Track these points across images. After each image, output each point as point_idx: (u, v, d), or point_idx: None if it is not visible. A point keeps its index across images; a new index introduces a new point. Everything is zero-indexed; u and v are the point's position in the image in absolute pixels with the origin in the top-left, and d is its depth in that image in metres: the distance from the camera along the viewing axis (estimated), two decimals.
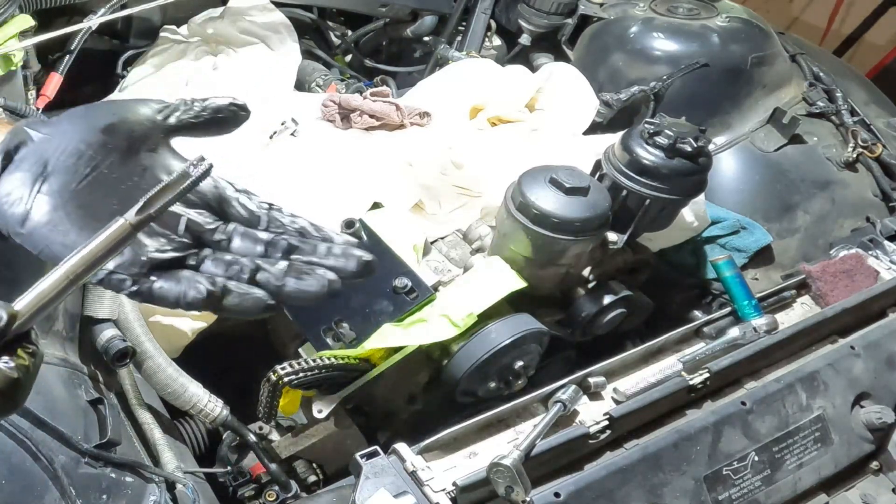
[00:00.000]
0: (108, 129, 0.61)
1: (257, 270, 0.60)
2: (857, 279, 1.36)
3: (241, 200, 0.64)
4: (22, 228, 0.58)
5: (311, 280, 0.59)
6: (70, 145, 0.60)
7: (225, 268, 0.60)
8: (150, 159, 0.63)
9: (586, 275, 1.37)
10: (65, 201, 0.59)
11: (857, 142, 1.74)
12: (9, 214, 0.58)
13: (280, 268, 0.60)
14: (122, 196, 0.60)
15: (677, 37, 1.77)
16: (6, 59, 1.38)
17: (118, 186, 0.61)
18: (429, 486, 0.94)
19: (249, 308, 0.59)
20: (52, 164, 0.59)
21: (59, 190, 0.59)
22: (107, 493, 0.97)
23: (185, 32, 1.85)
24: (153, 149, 0.64)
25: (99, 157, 0.60)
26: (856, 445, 1.19)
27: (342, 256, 0.61)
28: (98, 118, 0.62)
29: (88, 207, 0.59)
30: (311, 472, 1.26)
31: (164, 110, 0.65)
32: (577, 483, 1.00)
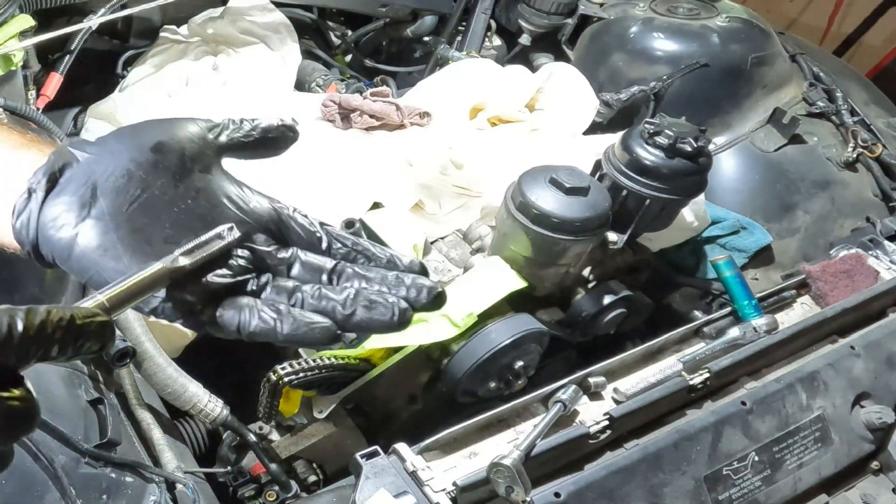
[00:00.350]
0: (157, 147, 0.58)
1: (321, 298, 0.57)
2: (857, 279, 1.36)
3: (299, 221, 0.61)
4: (69, 254, 0.55)
5: (381, 309, 0.56)
6: (119, 165, 0.57)
7: (288, 295, 0.57)
8: (203, 180, 0.60)
9: (586, 275, 1.37)
10: (116, 225, 0.56)
11: (857, 142, 1.74)
12: (55, 240, 0.55)
13: (346, 296, 0.56)
14: (175, 219, 0.57)
15: (677, 37, 1.77)
16: (6, 59, 1.38)
17: (171, 209, 0.58)
18: (429, 486, 0.94)
19: (316, 339, 0.56)
20: (101, 185, 0.56)
21: (109, 213, 0.56)
22: (107, 493, 0.97)
23: (185, 32, 1.85)
24: (206, 169, 0.61)
25: (150, 177, 0.57)
26: (856, 445, 1.19)
27: (413, 287, 0.58)
28: (147, 137, 0.59)
29: (141, 231, 0.56)
30: (311, 472, 1.26)
31: (213, 129, 0.62)
32: (578, 483, 1.00)
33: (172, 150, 0.59)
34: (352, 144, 1.56)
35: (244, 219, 0.59)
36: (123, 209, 0.56)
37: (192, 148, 0.60)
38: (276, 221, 0.61)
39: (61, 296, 1.13)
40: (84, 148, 0.58)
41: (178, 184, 0.58)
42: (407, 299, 0.58)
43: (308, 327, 0.55)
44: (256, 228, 0.60)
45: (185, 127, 0.61)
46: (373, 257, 0.60)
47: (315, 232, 0.61)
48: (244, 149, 0.64)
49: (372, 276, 0.58)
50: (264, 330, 0.55)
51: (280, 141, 0.66)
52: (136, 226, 0.56)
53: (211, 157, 0.61)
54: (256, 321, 0.55)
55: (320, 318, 0.56)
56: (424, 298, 0.58)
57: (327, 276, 0.59)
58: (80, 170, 0.57)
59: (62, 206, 0.56)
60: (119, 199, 0.56)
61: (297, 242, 0.61)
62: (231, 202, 0.60)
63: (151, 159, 0.58)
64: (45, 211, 0.56)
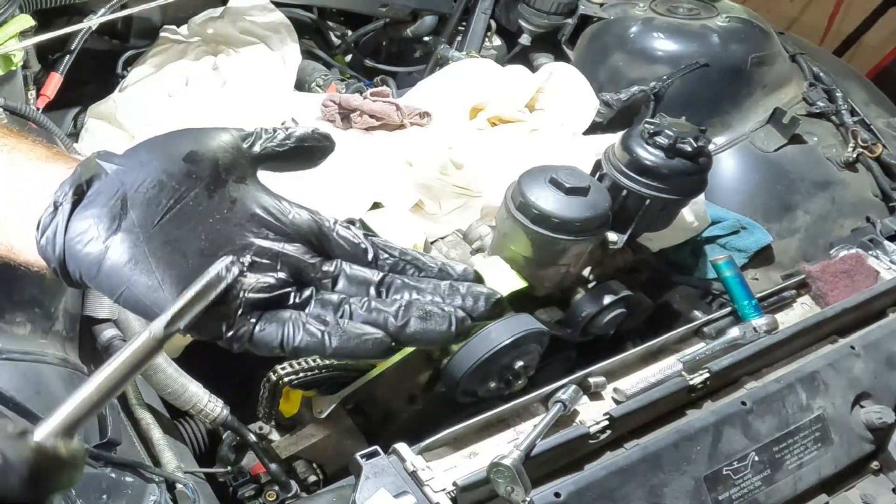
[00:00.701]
0: (190, 157, 0.56)
1: (372, 310, 0.54)
2: (857, 279, 1.36)
3: (341, 232, 0.58)
4: (98, 270, 0.52)
5: (437, 319, 0.53)
6: (150, 176, 0.54)
7: (334, 308, 0.54)
8: (238, 190, 0.57)
9: (586, 275, 1.37)
10: (148, 237, 0.53)
11: (857, 142, 1.74)
12: (82, 255, 0.52)
13: (398, 307, 0.54)
14: (210, 230, 0.54)
15: (677, 37, 1.77)
16: (6, 59, 1.38)
17: (206, 220, 0.55)
18: (429, 486, 0.94)
19: (368, 351, 0.53)
20: (131, 197, 0.53)
21: (140, 225, 0.53)
22: (107, 493, 0.97)
23: (185, 32, 1.85)
24: (241, 179, 0.58)
25: (183, 187, 0.54)
26: (856, 445, 1.19)
27: (469, 296, 0.55)
28: (179, 146, 0.56)
29: (175, 243, 0.53)
30: (311, 472, 1.26)
31: (247, 138, 0.60)
32: (578, 483, 1.00)
33: (205, 159, 0.56)
34: (352, 144, 1.56)
35: (284, 230, 0.57)
36: (155, 220, 0.53)
37: (226, 158, 0.57)
38: (318, 234, 0.58)
39: (61, 296, 1.13)
40: (112, 160, 0.56)
41: (212, 194, 0.55)
42: (464, 308, 0.54)
43: (360, 339, 0.52)
44: (296, 240, 0.57)
45: (217, 136, 0.58)
46: (423, 267, 0.57)
47: (359, 243, 0.58)
48: (279, 159, 0.61)
49: (423, 287, 0.56)
50: (311, 344, 0.52)
51: (316, 151, 0.63)
52: (169, 237, 0.53)
53: (245, 167, 0.59)
54: (302, 334, 0.52)
55: (372, 329, 0.53)
56: (483, 306, 0.55)
57: (375, 288, 0.56)
58: (109, 182, 0.54)
59: (90, 219, 0.53)
60: (150, 211, 0.53)
61: (342, 255, 0.58)
62: (269, 213, 0.57)
63: (184, 169, 0.55)
64: (72, 225, 0.53)
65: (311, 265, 0.56)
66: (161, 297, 0.52)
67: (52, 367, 1.06)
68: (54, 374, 1.05)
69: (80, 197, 0.54)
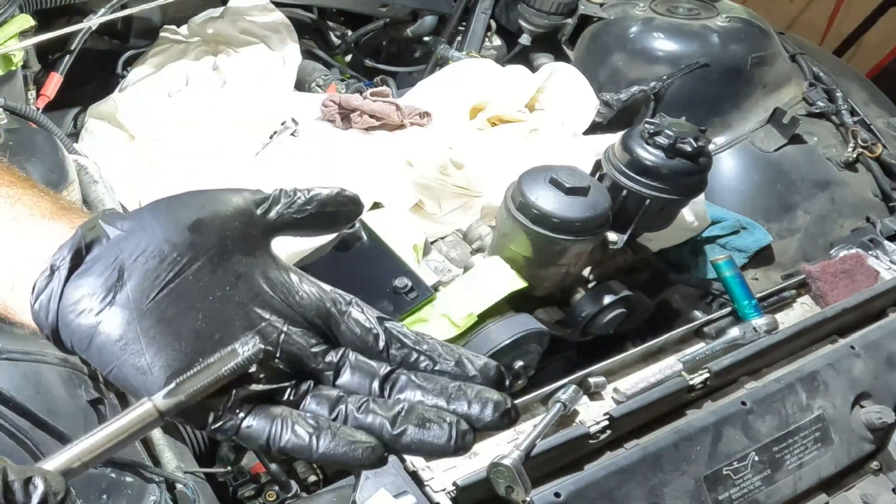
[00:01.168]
0: (195, 226, 0.52)
1: (368, 413, 0.50)
2: (857, 279, 1.36)
3: (353, 315, 0.55)
4: (89, 344, 0.50)
5: (436, 430, 0.49)
6: (151, 245, 0.51)
7: (330, 407, 0.51)
8: (245, 265, 0.53)
9: (586, 275, 1.37)
10: (141, 314, 0.49)
11: (857, 142, 1.74)
12: (74, 326, 0.50)
13: (396, 412, 0.50)
14: (208, 310, 0.51)
15: (677, 37, 1.77)
16: (6, 59, 1.38)
17: (205, 297, 0.51)
18: (429, 486, 0.94)
19: (357, 460, 0.49)
20: (129, 267, 0.50)
21: (135, 299, 0.50)
22: (107, 493, 0.97)
23: (185, 32, 1.85)
24: (249, 252, 0.54)
25: (184, 259, 0.51)
26: (856, 445, 1.19)
27: (477, 401, 0.51)
28: (185, 212, 0.52)
29: (169, 322, 0.50)
30: (311, 472, 1.26)
31: (262, 203, 0.55)
32: (578, 483, 1.00)
33: (212, 228, 0.52)
34: (352, 144, 1.56)
35: (289, 311, 0.53)
36: (151, 295, 0.50)
37: (235, 228, 0.53)
38: (326, 316, 0.54)
39: None
40: (115, 223, 0.52)
41: (216, 268, 0.52)
42: (468, 417, 0.51)
43: (349, 446, 0.49)
44: (301, 323, 0.53)
45: (228, 201, 0.54)
46: (438, 359, 0.54)
47: (371, 329, 0.54)
48: (297, 226, 0.56)
49: (429, 388, 0.52)
50: (297, 446, 0.49)
51: (340, 216, 0.58)
52: (163, 316, 0.50)
53: (256, 238, 0.54)
54: (289, 435, 0.49)
55: (365, 436, 0.50)
56: (489, 416, 0.51)
57: (379, 384, 0.53)
58: (109, 248, 0.51)
59: (85, 288, 0.50)
60: (146, 285, 0.50)
61: (350, 342, 0.54)
62: (275, 292, 0.53)
63: (187, 239, 0.51)
64: (67, 293, 0.50)
65: (313, 355, 0.53)
66: (149, 380, 0.49)
67: (52, 367, 1.06)
68: (54, 374, 1.05)
69: (77, 262, 0.51)
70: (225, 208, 0.53)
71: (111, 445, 0.49)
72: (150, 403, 0.49)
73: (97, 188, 1.37)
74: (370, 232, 1.36)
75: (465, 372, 0.54)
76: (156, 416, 0.49)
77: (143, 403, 0.49)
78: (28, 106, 1.40)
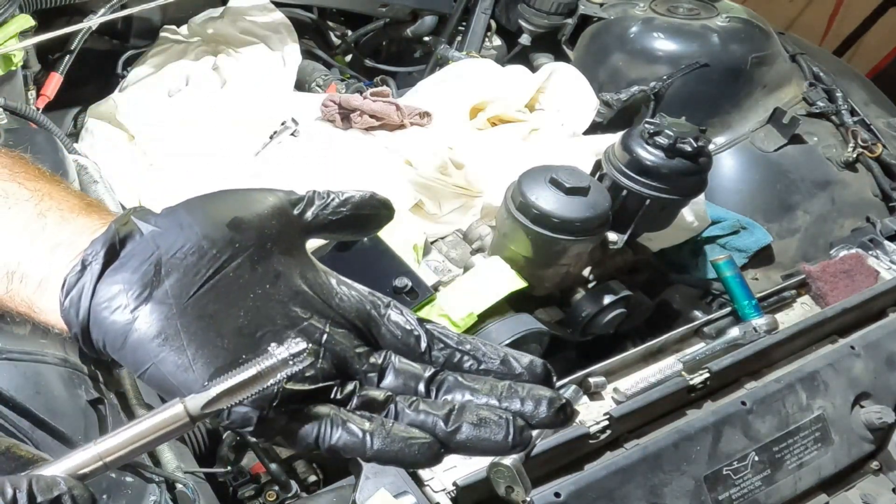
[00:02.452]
0: (234, 223, 0.51)
1: (420, 412, 0.49)
2: (857, 279, 1.36)
3: (393, 317, 0.54)
4: (124, 342, 0.48)
5: (493, 427, 0.48)
6: (189, 241, 0.49)
7: (379, 407, 0.50)
8: (284, 264, 0.52)
9: (586, 275, 1.37)
10: (181, 310, 0.48)
11: (857, 142, 1.74)
12: (108, 323, 0.48)
13: (449, 409, 0.49)
14: (250, 307, 0.50)
15: (677, 37, 1.77)
16: (6, 59, 1.38)
17: (246, 295, 0.50)
18: (429, 486, 0.94)
19: (414, 457, 0.48)
20: (167, 263, 0.49)
21: (174, 295, 0.48)
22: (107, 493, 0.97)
23: (185, 32, 1.85)
24: (287, 251, 0.53)
25: (224, 256, 0.50)
26: (856, 445, 1.19)
27: (530, 399, 0.50)
28: (223, 210, 0.51)
29: (210, 319, 0.48)
30: (311, 472, 1.26)
31: (297, 203, 0.55)
32: (578, 483, 1.00)
33: (251, 227, 0.51)
34: (352, 144, 1.56)
35: (329, 312, 0.52)
36: (191, 292, 0.48)
37: (273, 227, 0.52)
38: (366, 318, 0.53)
39: None
40: (149, 219, 0.51)
41: (255, 266, 0.51)
42: (523, 414, 0.49)
43: (405, 443, 0.48)
44: (343, 325, 0.52)
45: (264, 200, 0.53)
46: (482, 359, 0.52)
47: (413, 331, 0.53)
48: (330, 228, 0.56)
49: (478, 388, 0.51)
50: (350, 444, 0.48)
51: (373, 220, 0.59)
52: (204, 312, 0.48)
53: (293, 237, 0.54)
54: (340, 433, 0.48)
55: (419, 433, 0.48)
56: (544, 412, 0.49)
57: (425, 386, 0.51)
58: (144, 244, 0.49)
59: (120, 284, 0.48)
60: (186, 280, 0.48)
61: (391, 344, 0.53)
62: (315, 292, 0.52)
63: (227, 236, 0.50)
64: (100, 289, 0.48)
65: (357, 356, 0.52)
66: (191, 377, 0.47)
67: (52, 367, 1.06)
68: (54, 374, 1.05)
69: (111, 258, 0.49)
70: (263, 207, 0.53)
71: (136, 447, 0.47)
72: (181, 405, 0.47)
73: (97, 188, 1.37)
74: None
75: (512, 370, 0.52)
76: (186, 420, 0.47)
77: (173, 404, 0.47)
78: (28, 106, 1.40)
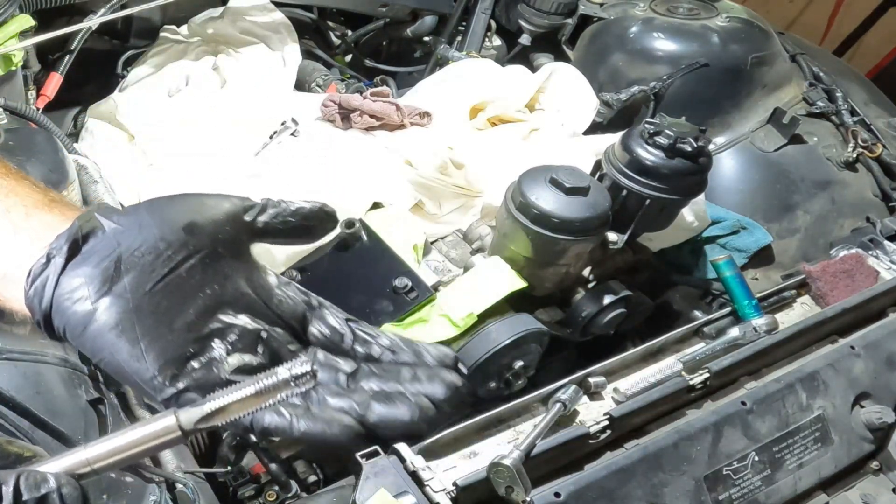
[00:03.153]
0: (189, 227, 0.55)
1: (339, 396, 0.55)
2: (857, 279, 1.36)
3: (324, 317, 0.59)
4: (83, 331, 0.52)
5: (401, 408, 0.55)
6: (147, 241, 0.53)
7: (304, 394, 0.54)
8: (232, 268, 0.57)
9: (586, 275, 1.37)
10: (137, 304, 0.52)
11: (857, 142, 1.74)
12: (70, 313, 0.52)
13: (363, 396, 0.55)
14: (199, 305, 0.54)
15: (677, 37, 1.77)
16: (6, 59, 1.38)
17: (196, 293, 0.54)
18: (429, 486, 0.94)
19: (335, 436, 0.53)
20: (126, 260, 0.52)
21: (132, 291, 0.52)
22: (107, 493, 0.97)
23: (185, 32, 1.85)
24: (237, 255, 0.58)
25: (178, 258, 0.54)
26: (856, 445, 1.19)
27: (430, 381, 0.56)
28: (180, 214, 0.55)
29: (162, 315, 0.52)
30: (311, 472, 1.26)
31: (250, 210, 0.59)
32: (578, 483, 1.00)
33: (204, 231, 0.56)
34: (352, 144, 1.56)
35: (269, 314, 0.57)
36: (146, 288, 0.52)
37: (227, 232, 0.57)
38: (301, 319, 0.59)
39: None
40: (112, 217, 0.55)
41: (206, 268, 0.55)
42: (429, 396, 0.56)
43: (327, 424, 0.53)
44: (280, 325, 0.57)
45: (219, 206, 0.58)
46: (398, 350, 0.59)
47: (339, 329, 0.59)
48: (278, 235, 0.60)
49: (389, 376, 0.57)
50: (279, 426, 0.52)
51: (318, 230, 0.63)
52: (158, 308, 0.52)
53: (243, 242, 0.58)
54: (270, 416, 0.52)
55: (339, 415, 0.54)
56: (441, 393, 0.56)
57: (345, 377, 0.57)
58: (106, 240, 0.53)
59: (82, 277, 0.52)
60: (143, 278, 0.52)
61: (320, 342, 0.59)
62: (258, 295, 0.57)
63: (182, 239, 0.54)
64: (63, 280, 0.52)
65: (289, 352, 0.57)
66: (143, 367, 0.51)
67: (52, 367, 1.06)
68: (54, 374, 1.05)
69: (74, 252, 0.53)
70: (217, 213, 0.57)
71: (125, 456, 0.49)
72: (174, 418, 0.49)
73: (97, 188, 1.37)
74: (370, 232, 1.36)
75: (424, 361, 0.58)
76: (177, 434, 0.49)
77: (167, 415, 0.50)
78: (28, 106, 1.40)
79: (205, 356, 0.53)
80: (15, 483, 0.45)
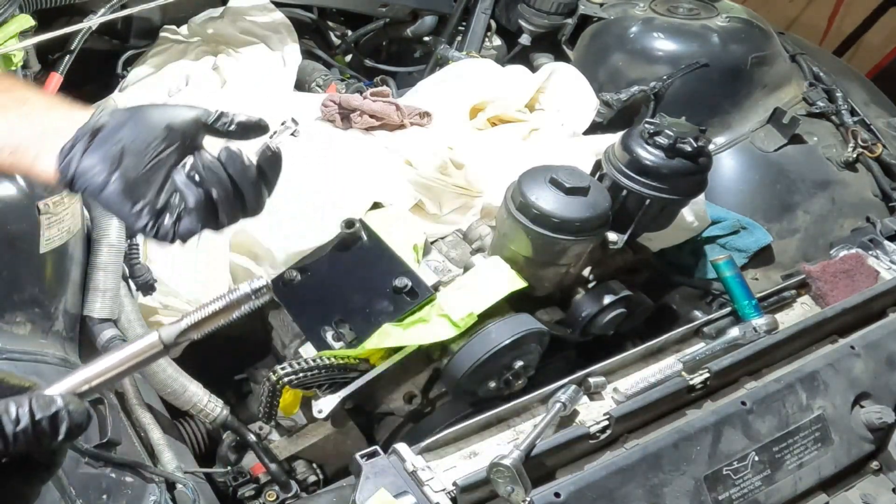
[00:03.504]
0: (168, 127, 0.78)
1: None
2: (857, 279, 1.36)
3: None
4: (100, 192, 0.75)
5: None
6: (140, 135, 0.77)
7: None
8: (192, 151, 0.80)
9: (586, 275, 1.37)
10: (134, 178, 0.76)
11: (857, 142, 1.74)
12: (91, 182, 0.75)
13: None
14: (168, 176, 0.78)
15: (677, 37, 1.77)
16: (6, 59, 1.38)
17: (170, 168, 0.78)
18: (429, 486, 0.94)
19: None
20: (127, 148, 0.76)
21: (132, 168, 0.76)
22: (107, 493, 0.97)
23: (185, 32, 1.85)
24: (198, 147, 0.81)
25: (161, 148, 0.77)
26: (856, 445, 1.19)
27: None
28: (161, 118, 0.79)
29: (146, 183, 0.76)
30: (311, 472, 1.26)
31: (209, 116, 0.82)
32: (577, 483, 1.00)
33: (177, 130, 0.79)
34: (352, 144, 1.56)
35: (204, 159, 0.81)
36: (139, 169, 0.76)
37: (192, 131, 0.80)
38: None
39: (61, 296, 1.13)
40: (115, 114, 0.77)
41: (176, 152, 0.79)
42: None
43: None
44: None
45: (189, 113, 0.80)
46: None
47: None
48: (224, 135, 0.83)
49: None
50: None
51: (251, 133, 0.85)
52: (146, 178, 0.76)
53: (201, 135, 0.82)
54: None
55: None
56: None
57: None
58: (112, 133, 0.76)
59: (98, 157, 0.75)
60: (137, 160, 0.76)
61: None
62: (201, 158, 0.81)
63: (163, 135, 0.78)
64: (85, 158, 0.75)
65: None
66: (136, 215, 0.76)
67: (52, 367, 1.06)
68: (54, 374, 1.05)
69: (94, 136, 0.76)
70: (187, 116, 0.80)
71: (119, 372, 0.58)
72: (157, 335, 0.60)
73: None
74: (370, 232, 1.36)
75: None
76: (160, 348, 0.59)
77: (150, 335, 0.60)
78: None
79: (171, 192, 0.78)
80: (29, 406, 0.56)
